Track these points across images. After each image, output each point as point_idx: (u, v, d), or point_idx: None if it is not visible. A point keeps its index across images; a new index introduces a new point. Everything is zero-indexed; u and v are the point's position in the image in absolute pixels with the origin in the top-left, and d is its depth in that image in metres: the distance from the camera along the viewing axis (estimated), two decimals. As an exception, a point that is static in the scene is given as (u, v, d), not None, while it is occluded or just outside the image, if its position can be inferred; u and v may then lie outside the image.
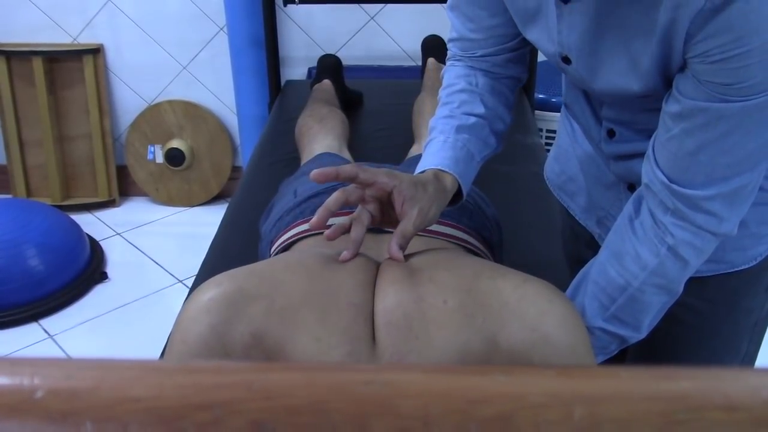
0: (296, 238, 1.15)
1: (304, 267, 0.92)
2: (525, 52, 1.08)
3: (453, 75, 1.09)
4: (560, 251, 1.55)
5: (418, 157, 1.65)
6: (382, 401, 0.22)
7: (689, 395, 0.22)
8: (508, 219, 1.49)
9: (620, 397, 0.22)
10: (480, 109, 1.04)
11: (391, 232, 1.14)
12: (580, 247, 1.25)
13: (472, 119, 1.03)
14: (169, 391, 0.23)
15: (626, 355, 1.18)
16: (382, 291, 0.89)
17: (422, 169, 1.00)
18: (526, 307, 0.83)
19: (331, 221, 1.05)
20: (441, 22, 2.64)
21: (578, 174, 1.14)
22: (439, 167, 0.98)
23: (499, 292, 0.85)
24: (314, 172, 0.92)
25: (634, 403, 0.22)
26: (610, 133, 1.00)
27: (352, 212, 1.07)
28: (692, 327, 1.08)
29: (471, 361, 0.81)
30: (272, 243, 1.24)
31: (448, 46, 1.11)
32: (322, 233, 1.13)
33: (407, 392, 0.23)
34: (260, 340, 0.82)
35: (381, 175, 0.92)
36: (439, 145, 1.01)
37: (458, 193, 1.01)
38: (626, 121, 0.97)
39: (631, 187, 1.01)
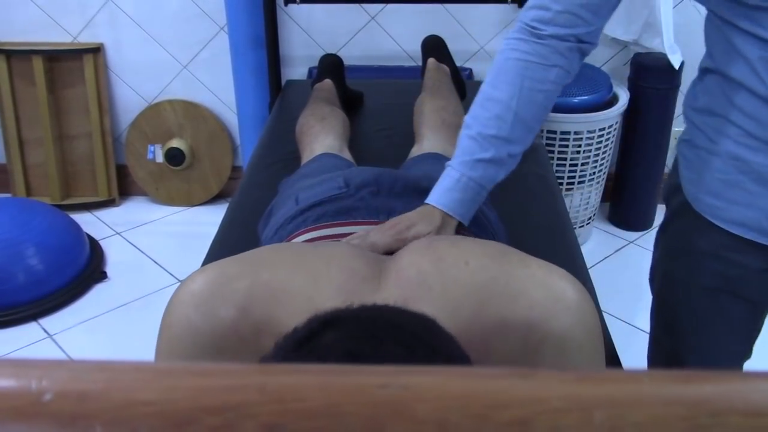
0: None
1: (291, 248, 0.93)
2: (591, 48, 1.09)
3: (504, 70, 1.08)
4: (562, 250, 1.54)
5: (419, 158, 1.66)
6: (398, 405, 0.22)
7: (711, 400, 0.22)
8: (510, 219, 1.49)
9: (642, 402, 0.22)
10: (504, 132, 1.07)
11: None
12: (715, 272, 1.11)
13: (492, 151, 1.07)
14: (180, 394, 0.23)
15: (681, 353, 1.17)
16: (397, 257, 0.89)
17: (432, 203, 1.09)
18: (553, 280, 0.82)
19: (343, 230, 1.07)
20: (442, 22, 2.64)
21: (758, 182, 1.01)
22: (446, 210, 1.08)
23: (526, 264, 0.85)
24: None
25: (656, 408, 0.22)
26: None
27: (357, 222, 1.08)
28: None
29: (484, 321, 0.80)
30: None
31: (521, 16, 1.09)
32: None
33: (424, 396, 0.22)
34: (247, 313, 0.81)
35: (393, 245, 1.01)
36: (452, 183, 1.08)
37: None
38: None
39: None
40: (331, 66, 2.22)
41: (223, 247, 1.61)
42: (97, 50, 2.73)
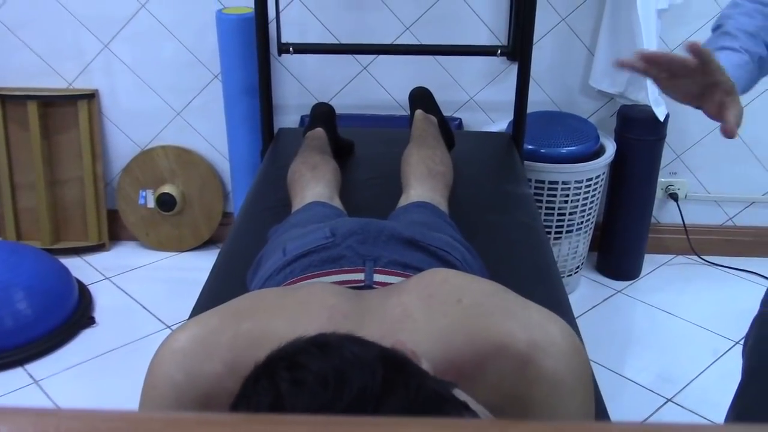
0: None
1: (271, 293, 0.94)
2: None
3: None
4: (550, 299, 1.55)
5: (406, 208, 1.68)
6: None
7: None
8: (497, 268, 1.50)
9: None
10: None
11: (373, 287, 1.13)
12: None
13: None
14: (192, 444, 0.24)
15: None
16: (384, 295, 0.89)
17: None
18: (551, 324, 0.82)
19: (330, 279, 1.07)
20: (432, 73, 2.69)
21: None
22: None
23: (525, 305, 0.85)
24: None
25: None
26: None
27: (344, 270, 1.08)
28: None
29: (478, 348, 0.79)
30: None
31: None
32: None
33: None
34: (231, 366, 0.81)
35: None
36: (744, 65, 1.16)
37: None
38: None
39: None
40: (323, 115, 2.25)
41: (212, 295, 1.61)
42: (91, 96, 2.76)
